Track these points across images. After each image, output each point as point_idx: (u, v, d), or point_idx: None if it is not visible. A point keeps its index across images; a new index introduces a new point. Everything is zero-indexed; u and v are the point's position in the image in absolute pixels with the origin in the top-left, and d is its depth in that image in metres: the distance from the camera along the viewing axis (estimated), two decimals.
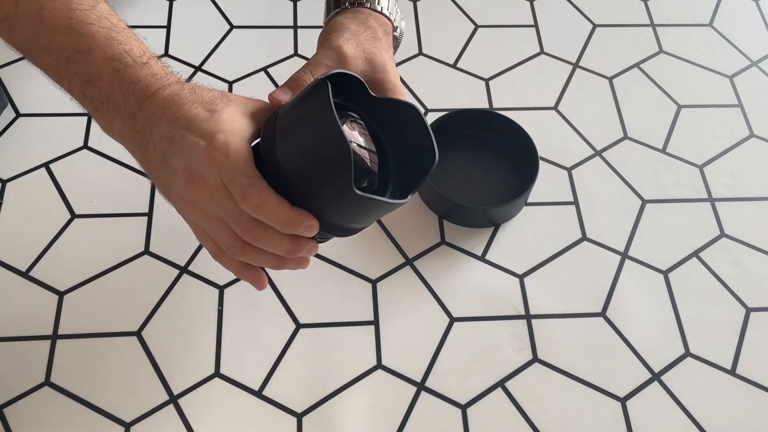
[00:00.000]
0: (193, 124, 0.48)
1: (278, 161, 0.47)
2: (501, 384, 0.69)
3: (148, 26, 0.92)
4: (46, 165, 0.79)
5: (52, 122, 0.82)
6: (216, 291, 0.73)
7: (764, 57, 0.95)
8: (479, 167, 0.81)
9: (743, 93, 0.91)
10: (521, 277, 0.75)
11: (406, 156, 0.54)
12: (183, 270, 0.74)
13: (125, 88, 0.49)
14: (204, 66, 0.88)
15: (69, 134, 0.82)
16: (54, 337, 0.69)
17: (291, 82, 0.55)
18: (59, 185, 0.78)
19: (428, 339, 0.71)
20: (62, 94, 0.51)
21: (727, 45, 0.96)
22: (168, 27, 0.92)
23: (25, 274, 0.72)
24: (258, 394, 0.68)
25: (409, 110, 0.52)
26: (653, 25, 0.97)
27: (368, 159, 0.51)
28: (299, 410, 0.67)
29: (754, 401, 0.70)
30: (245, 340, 0.70)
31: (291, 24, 0.94)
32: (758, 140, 0.87)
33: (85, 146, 0.81)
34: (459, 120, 0.81)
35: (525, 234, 0.78)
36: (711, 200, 0.82)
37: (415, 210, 0.79)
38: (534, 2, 0.98)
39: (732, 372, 0.71)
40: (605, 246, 0.78)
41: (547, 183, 0.82)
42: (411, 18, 0.95)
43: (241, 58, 0.89)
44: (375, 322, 0.72)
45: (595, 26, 0.97)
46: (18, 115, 0.83)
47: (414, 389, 0.69)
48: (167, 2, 0.94)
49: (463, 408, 0.68)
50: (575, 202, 0.81)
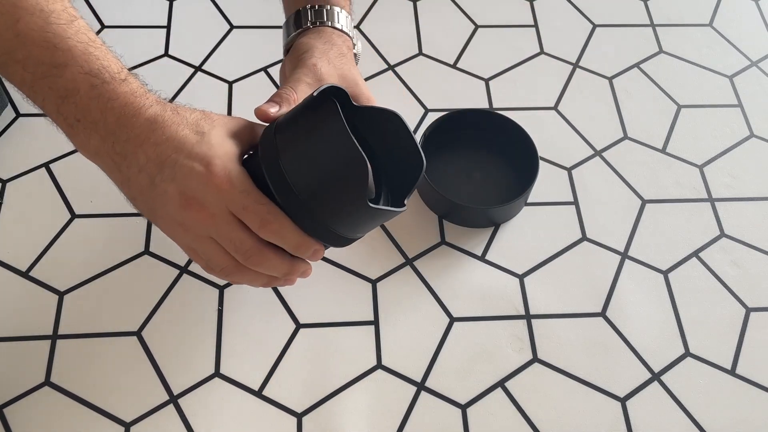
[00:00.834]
0: (184, 148, 0.48)
1: (284, 175, 0.48)
2: (501, 384, 0.69)
3: (148, 26, 0.92)
4: (46, 165, 0.79)
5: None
6: (216, 291, 0.73)
7: (764, 57, 0.95)
8: (479, 167, 0.81)
9: (743, 93, 0.91)
10: (521, 277, 0.75)
11: (394, 162, 0.55)
12: (183, 270, 0.74)
13: (103, 105, 0.48)
14: (204, 66, 0.88)
15: None
16: (54, 337, 0.69)
17: (276, 98, 0.55)
18: (59, 185, 0.78)
19: (428, 339, 0.71)
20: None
21: (727, 45, 0.96)
22: (168, 27, 0.92)
23: (25, 274, 0.72)
24: (258, 394, 0.68)
25: (392, 117, 0.53)
26: (653, 25, 0.97)
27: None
28: (299, 410, 0.67)
29: (754, 401, 0.70)
30: (245, 340, 0.70)
31: None
32: (758, 140, 0.87)
33: None
34: (459, 120, 0.81)
35: (525, 234, 0.78)
36: (711, 200, 0.82)
37: (415, 210, 0.79)
38: (534, 2, 0.98)
39: (732, 372, 0.71)
40: (605, 246, 0.78)
41: (547, 183, 0.82)
42: (411, 18, 0.95)
43: (241, 58, 0.89)
44: (375, 322, 0.72)
45: (595, 26, 0.97)
46: (18, 115, 0.83)
47: (414, 389, 0.69)
48: (167, 2, 0.94)
49: (463, 408, 0.68)
50: (575, 202, 0.81)
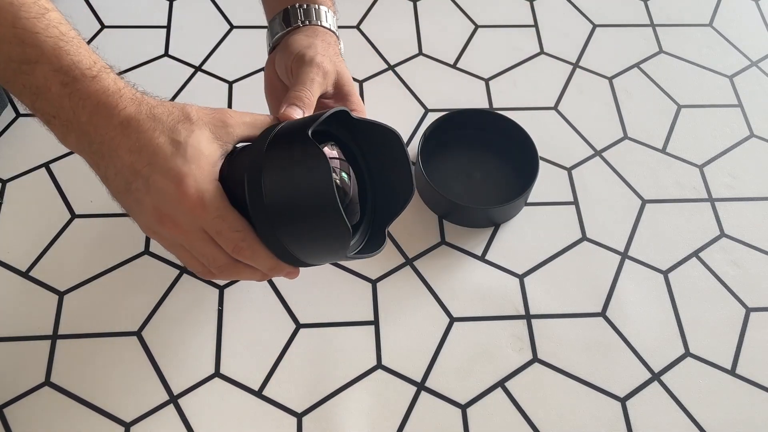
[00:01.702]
0: (158, 161, 0.47)
1: (262, 195, 0.47)
2: (501, 384, 0.69)
3: (148, 26, 0.92)
4: (46, 165, 0.80)
5: None
6: (216, 291, 0.73)
7: (764, 57, 0.95)
8: (479, 167, 0.81)
9: (743, 93, 0.91)
10: (521, 277, 0.75)
11: (386, 182, 0.55)
12: (183, 270, 0.74)
13: (75, 105, 0.47)
14: (204, 66, 0.88)
15: None
16: (54, 337, 0.69)
17: (298, 102, 0.55)
18: (59, 185, 0.78)
19: (428, 339, 0.71)
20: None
21: (727, 45, 0.96)
22: (168, 27, 0.92)
23: (25, 274, 0.72)
24: (258, 394, 0.68)
25: (391, 135, 0.53)
26: (653, 25, 0.97)
27: (350, 189, 0.52)
28: (299, 410, 0.67)
29: (754, 401, 0.70)
30: (245, 340, 0.70)
31: None
32: (758, 140, 0.87)
33: None
34: (459, 120, 0.81)
35: (525, 234, 0.78)
36: (711, 200, 0.82)
37: (415, 210, 0.79)
38: (534, 2, 0.98)
39: (732, 372, 0.71)
40: (605, 246, 0.78)
41: (547, 183, 0.82)
42: (411, 18, 0.95)
43: (241, 58, 0.89)
44: (375, 322, 0.72)
45: (595, 26, 0.97)
46: (18, 115, 0.83)
47: (414, 389, 0.69)
48: (167, 2, 0.94)
49: (463, 408, 0.68)
50: (575, 202, 0.81)
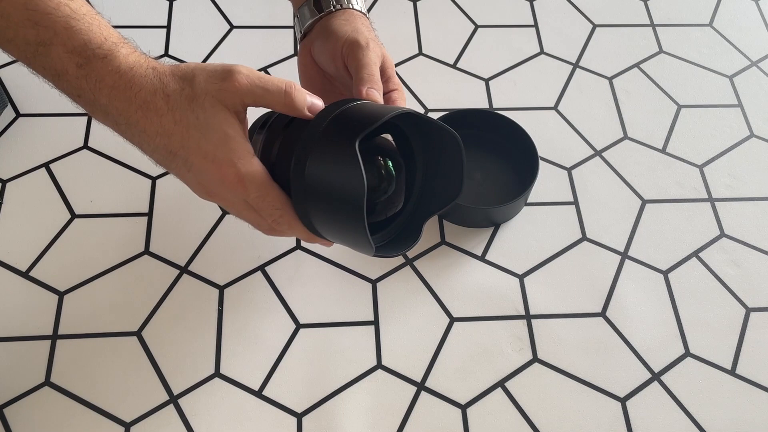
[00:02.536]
0: (190, 144, 0.48)
1: (304, 179, 0.48)
2: (501, 384, 0.69)
3: (148, 26, 0.92)
4: (46, 165, 0.80)
5: (52, 122, 0.82)
6: (216, 291, 0.73)
7: (764, 57, 0.95)
8: (479, 167, 0.81)
9: (743, 93, 0.91)
10: (521, 277, 0.75)
11: (436, 179, 0.56)
12: (183, 270, 0.74)
13: (92, 86, 0.47)
14: None
15: (69, 134, 0.82)
16: (54, 337, 0.69)
17: (375, 84, 0.54)
18: (59, 185, 0.78)
19: (428, 339, 0.71)
20: (62, 95, 0.51)
21: (727, 45, 0.96)
22: (168, 27, 0.92)
23: (25, 274, 0.72)
24: (258, 394, 0.68)
25: (450, 138, 0.53)
26: (653, 25, 0.97)
27: (394, 181, 0.52)
28: (299, 410, 0.67)
29: (754, 401, 0.70)
30: (245, 340, 0.70)
31: (291, 24, 0.94)
32: (758, 140, 0.87)
33: (85, 146, 0.81)
34: (459, 120, 0.81)
35: (525, 234, 0.78)
36: (711, 200, 0.82)
37: None
38: (534, 2, 0.98)
39: (732, 372, 0.71)
40: (605, 246, 0.78)
41: (547, 183, 0.82)
42: (411, 18, 0.95)
43: (241, 58, 0.89)
44: (375, 322, 0.72)
45: (595, 26, 0.97)
46: (18, 115, 0.83)
47: (414, 389, 0.69)
48: (167, 2, 0.94)
49: (463, 408, 0.68)
50: (575, 202, 0.81)
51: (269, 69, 0.89)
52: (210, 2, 0.95)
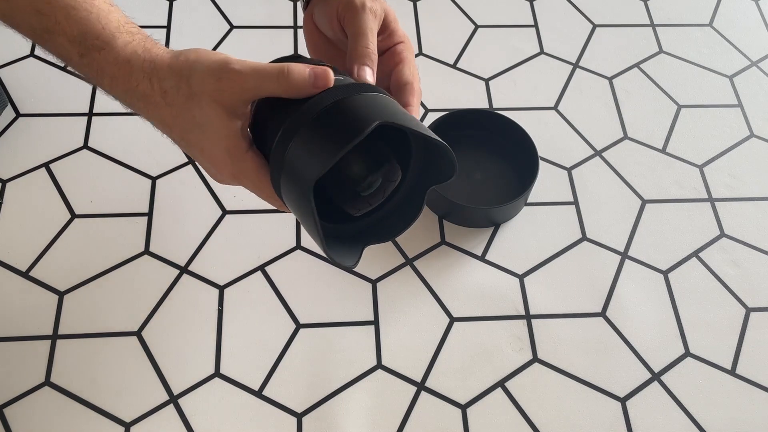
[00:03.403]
0: (190, 138, 0.49)
1: (285, 156, 0.47)
2: (501, 384, 0.69)
3: (148, 26, 0.91)
4: (46, 165, 0.79)
5: (52, 122, 0.82)
6: (216, 291, 0.73)
7: (764, 57, 0.95)
8: (479, 167, 0.81)
9: (743, 93, 0.91)
10: (521, 277, 0.75)
11: (417, 188, 0.55)
12: (183, 270, 0.74)
13: (95, 74, 0.48)
14: None
15: (69, 134, 0.82)
16: (54, 337, 0.69)
17: (368, 60, 0.52)
18: (59, 185, 0.78)
19: (428, 339, 0.71)
20: (62, 95, 0.51)
21: (727, 45, 0.96)
22: (168, 27, 0.92)
23: (25, 274, 0.72)
24: (258, 394, 0.68)
25: (445, 151, 0.51)
26: (653, 25, 0.97)
27: (376, 181, 0.51)
28: (299, 410, 0.67)
29: (754, 401, 0.70)
30: (245, 340, 0.70)
31: (291, 24, 0.94)
32: (758, 140, 0.87)
33: (85, 146, 0.81)
34: (459, 120, 0.81)
35: (525, 234, 0.78)
36: (711, 200, 0.82)
37: None
38: (534, 2, 0.98)
39: (732, 372, 0.71)
40: (605, 246, 0.78)
41: (547, 183, 0.82)
42: (411, 18, 0.95)
43: (241, 58, 0.89)
44: (375, 322, 0.72)
45: (595, 26, 0.97)
46: (18, 115, 0.83)
47: (414, 389, 0.69)
48: (167, 2, 0.94)
49: (463, 408, 0.68)
50: (575, 202, 0.81)
51: None
52: (210, 2, 0.95)
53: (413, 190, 0.56)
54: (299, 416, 0.67)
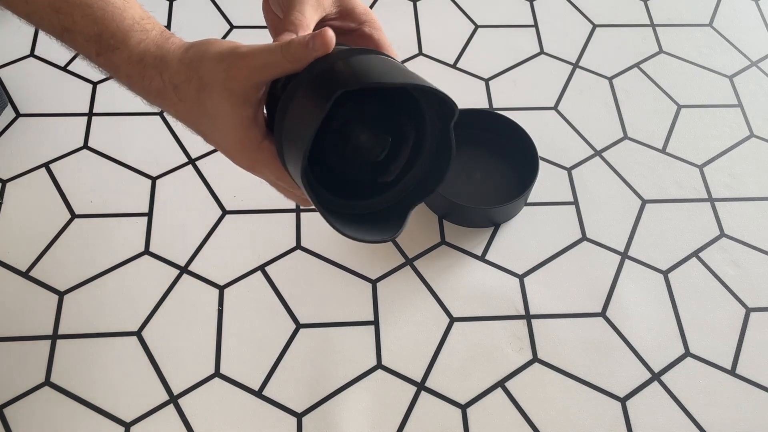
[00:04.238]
0: (204, 130, 0.49)
1: (283, 125, 0.47)
2: (501, 384, 0.69)
3: None
4: (46, 165, 0.79)
5: (52, 122, 0.82)
6: (216, 291, 0.73)
7: (764, 57, 0.95)
8: (479, 167, 0.81)
9: (743, 93, 0.91)
10: (521, 277, 0.75)
11: (429, 165, 0.54)
12: (183, 270, 0.74)
13: (113, 72, 0.48)
14: None
15: (69, 134, 0.82)
16: (54, 337, 0.69)
17: (288, 25, 0.49)
18: (59, 185, 0.78)
19: (428, 339, 0.71)
20: (62, 95, 0.51)
21: (727, 45, 0.96)
22: (168, 27, 0.92)
23: (25, 274, 0.72)
24: (258, 394, 0.68)
25: (448, 106, 0.50)
26: (653, 25, 0.97)
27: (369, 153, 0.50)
28: (299, 410, 0.67)
29: (754, 401, 0.70)
30: (245, 340, 0.70)
31: None
32: (758, 140, 0.87)
33: (85, 146, 0.81)
34: (459, 120, 0.81)
35: (525, 234, 0.78)
36: (711, 200, 0.82)
37: (415, 210, 0.79)
38: (534, 2, 0.98)
39: (732, 372, 0.71)
40: (605, 246, 0.78)
41: (547, 183, 0.82)
42: (411, 18, 0.95)
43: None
44: (375, 322, 0.72)
45: (595, 26, 0.97)
46: (18, 115, 0.83)
47: (414, 389, 0.69)
48: (167, 2, 0.94)
49: (463, 408, 0.68)
50: (575, 202, 0.81)
51: None
52: (210, 2, 0.95)
53: (440, 140, 0.54)
54: (299, 416, 0.67)
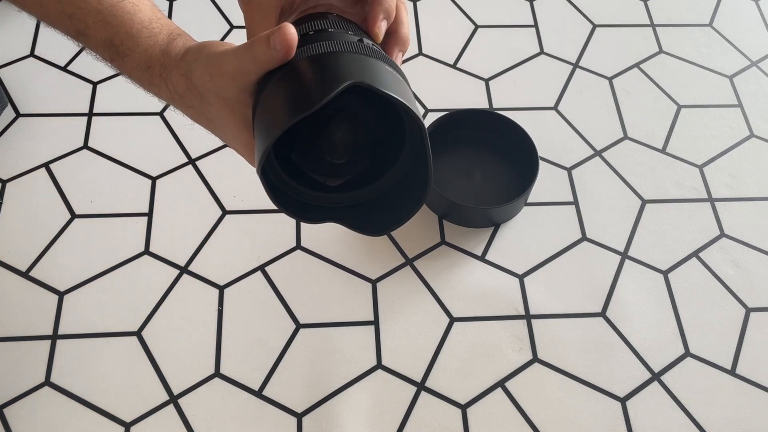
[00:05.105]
0: (213, 129, 0.49)
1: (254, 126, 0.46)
2: (501, 384, 0.69)
3: None
4: (46, 165, 0.79)
5: (52, 122, 0.82)
6: (216, 291, 0.73)
7: (764, 57, 0.95)
8: (479, 167, 0.81)
9: (743, 93, 0.91)
10: (521, 277, 0.75)
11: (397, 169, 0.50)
12: (183, 270, 0.74)
13: (127, 77, 0.48)
14: None
15: (69, 134, 0.82)
16: (54, 337, 0.69)
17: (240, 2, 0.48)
18: (59, 185, 0.78)
19: (428, 339, 0.71)
20: (62, 95, 0.51)
21: (727, 45, 0.96)
22: None
23: (25, 274, 0.72)
24: (258, 394, 0.68)
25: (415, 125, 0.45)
26: (653, 25, 0.97)
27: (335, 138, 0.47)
28: (299, 410, 0.67)
29: (754, 401, 0.70)
30: (245, 340, 0.70)
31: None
32: (758, 140, 0.87)
33: (85, 146, 0.81)
34: (459, 120, 0.81)
35: (525, 234, 0.78)
36: (711, 200, 0.82)
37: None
38: (534, 2, 0.98)
39: (732, 372, 0.71)
40: (605, 246, 0.78)
41: (547, 183, 0.82)
42: (411, 18, 0.95)
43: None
44: (375, 322, 0.72)
45: (595, 26, 0.97)
46: (18, 115, 0.83)
47: (414, 389, 0.69)
48: (167, 2, 0.94)
49: (463, 408, 0.68)
50: (575, 202, 0.81)
51: None
52: (210, 2, 0.95)
53: (408, 181, 0.48)
54: (299, 416, 0.67)
